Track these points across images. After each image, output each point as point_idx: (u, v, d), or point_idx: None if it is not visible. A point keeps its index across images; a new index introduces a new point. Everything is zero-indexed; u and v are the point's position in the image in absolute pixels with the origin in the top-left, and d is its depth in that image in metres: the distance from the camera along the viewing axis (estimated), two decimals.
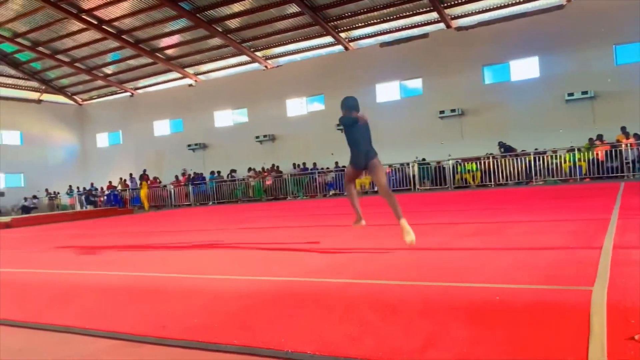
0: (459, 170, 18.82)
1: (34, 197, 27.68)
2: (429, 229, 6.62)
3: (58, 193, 28.87)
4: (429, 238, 5.63)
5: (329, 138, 22.65)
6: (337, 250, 5.25)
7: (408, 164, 19.60)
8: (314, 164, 23.11)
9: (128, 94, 30.16)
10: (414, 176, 19.34)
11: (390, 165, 19.98)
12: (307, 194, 21.38)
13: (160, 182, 26.76)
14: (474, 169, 18.55)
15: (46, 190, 29.29)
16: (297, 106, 24.89)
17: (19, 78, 29.14)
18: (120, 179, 27.72)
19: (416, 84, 22.11)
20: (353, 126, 5.25)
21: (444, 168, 19.09)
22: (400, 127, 21.99)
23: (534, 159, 17.60)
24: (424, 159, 19.98)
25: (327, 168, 22.22)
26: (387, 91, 22.64)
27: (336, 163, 21.69)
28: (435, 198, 14.48)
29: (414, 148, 21.07)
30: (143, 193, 24.59)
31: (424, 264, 4.09)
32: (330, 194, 21.14)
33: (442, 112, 21.09)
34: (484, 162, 18.41)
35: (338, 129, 22.60)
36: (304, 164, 23.31)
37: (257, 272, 4.28)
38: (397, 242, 4.96)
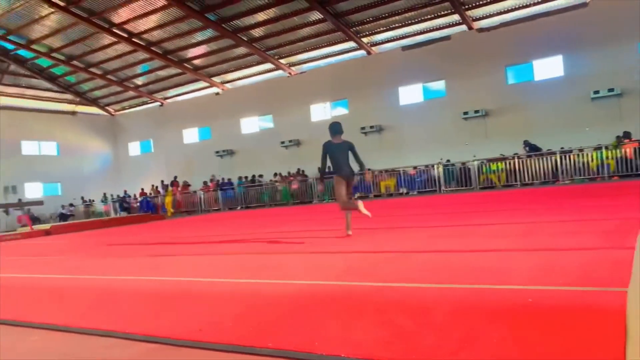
0: (484, 170, 18.52)
1: (71, 205, 28.57)
2: (458, 230, 6.51)
3: (93, 200, 29.68)
4: (459, 240, 5.53)
5: (353, 141, 22.23)
6: (366, 252, 5.18)
7: (433, 166, 19.41)
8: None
9: (158, 103, 30.66)
10: (439, 178, 19.16)
11: (414, 167, 19.82)
12: (332, 197, 21.05)
13: (190, 186, 27.22)
14: (500, 169, 18.27)
15: (82, 198, 30.15)
16: (321, 111, 24.89)
17: (54, 91, 30.00)
18: (152, 185, 28.60)
19: (439, 85, 21.87)
20: (339, 147, 7.26)
21: (469, 169, 18.82)
22: (424, 129, 21.78)
23: (560, 157, 17.22)
24: (448, 160, 19.73)
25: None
26: (410, 94, 22.43)
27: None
28: (462, 199, 14.29)
29: (438, 150, 20.81)
30: (168, 199, 24.99)
31: (454, 266, 4.03)
32: (356, 197, 20.69)
33: (465, 113, 20.80)
34: (510, 162, 18.12)
35: (362, 133, 22.57)
36: (329, 167, 22.63)
37: (287, 275, 4.26)
38: (428, 244, 4.89)
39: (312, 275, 4.18)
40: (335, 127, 7.36)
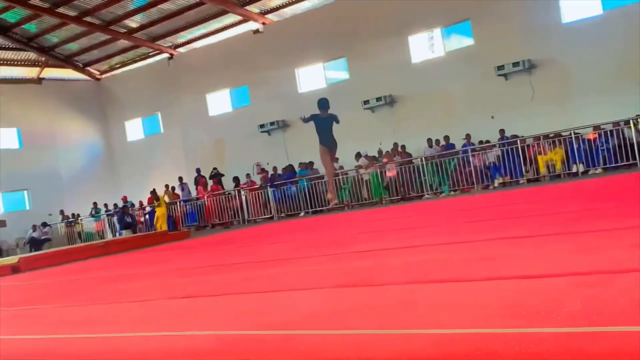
0: None
1: (44, 224, 20.49)
2: None
3: (78, 215, 21.39)
4: None
5: (485, 90, 16.57)
6: (534, 276, 3.25)
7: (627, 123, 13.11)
8: (468, 135, 16.01)
9: (165, 55, 21.92)
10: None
11: (598, 127, 13.87)
12: (454, 188, 15.44)
13: (220, 181, 19.59)
14: None
15: (61, 212, 21.74)
16: (426, 44, 18.25)
17: (8, 49, 21.54)
18: (166, 186, 20.36)
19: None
20: (325, 121, 9.29)
21: None
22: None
23: None
24: None
25: (487, 141, 15.63)
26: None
27: (501, 132, 15.25)
28: None
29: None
30: (160, 212, 18.45)
31: None
32: (495, 184, 14.80)
33: None
34: None
35: (499, 75, 16.63)
36: (446, 138, 16.67)
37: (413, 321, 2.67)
38: None
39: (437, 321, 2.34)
40: (323, 103, 9.31)
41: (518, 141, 14.63)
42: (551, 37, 15.89)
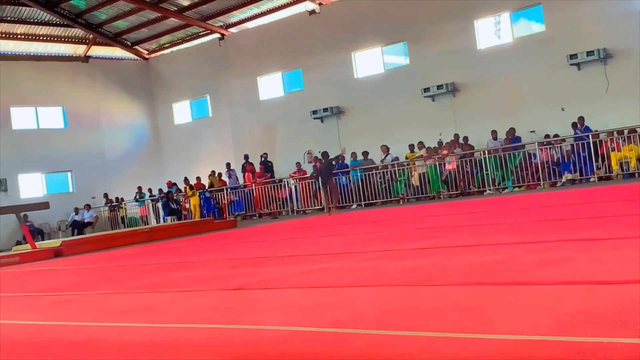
0: None
1: (88, 207, 20.89)
2: None
3: (122, 200, 21.87)
4: None
5: (555, 81, 16.02)
6: (610, 282, 3.20)
7: None
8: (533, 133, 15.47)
9: (216, 35, 22.18)
10: None
11: None
12: (519, 184, 15.26)
13: (271, 172, 19.67)
14: None
15: (105, 195, 21.98)
16: (492, 29, 17.89)
17: (55, 25, 21.77)
18: (213, 172, 20.57)
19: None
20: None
21: None
22: None
23: None
24: None
25: (555, 135, 15.25)
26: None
27: (580, 120, 14.52)
28: None
29: None
30: (194, 201, 19.18)
31: None
32: (563, 180, 14.37)
33: None
34: None
35: (571, 65, 15.97)
36: (510, 131, 15.89)
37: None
38: None
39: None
40: (327, 157, 14.76)
41: (590, 136, 14.07)
42: (629, 24, 15.05)
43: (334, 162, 15.55)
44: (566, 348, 2.23)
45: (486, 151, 15.63)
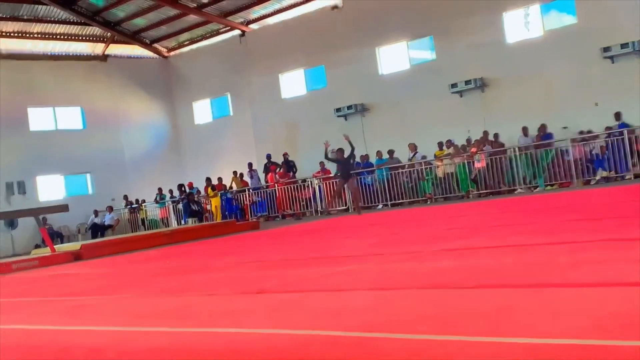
0: None
1: (110, 208, 21.00)
2: None
3: (143, 201, 21.67)
4: None
5: (588, 74, 15.88)
6: None
7: None
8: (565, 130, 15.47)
9: (236, 32, 22.09)
10: None
11: None
12: (551, 182, 15.03)
13: (294, 171, 19.44)
14: None
15: (125, 197, 21.88)
16: (522, 22, 17.81)
17: (73, 23, 21.80)
18: (234, 173, 20.41)
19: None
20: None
21: None
22: None
23: None
24: None
25: (588, 131, 15.08)
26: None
27: (616, 116, 14.51)
28: None
29: None
30: (215, 202, 19.23)
31: None
32: (596, 179, 14.35)
33: None
34: None
35: (605, 58, 16.00)
36: (542, 127, 15.68)
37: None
38: None
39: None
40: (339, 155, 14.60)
41: (625, 132, 13.82)
42: None
43: (351, 161, 14.92)
44: (603, 351, 2.20)
45: (516, 148, 15.40)
